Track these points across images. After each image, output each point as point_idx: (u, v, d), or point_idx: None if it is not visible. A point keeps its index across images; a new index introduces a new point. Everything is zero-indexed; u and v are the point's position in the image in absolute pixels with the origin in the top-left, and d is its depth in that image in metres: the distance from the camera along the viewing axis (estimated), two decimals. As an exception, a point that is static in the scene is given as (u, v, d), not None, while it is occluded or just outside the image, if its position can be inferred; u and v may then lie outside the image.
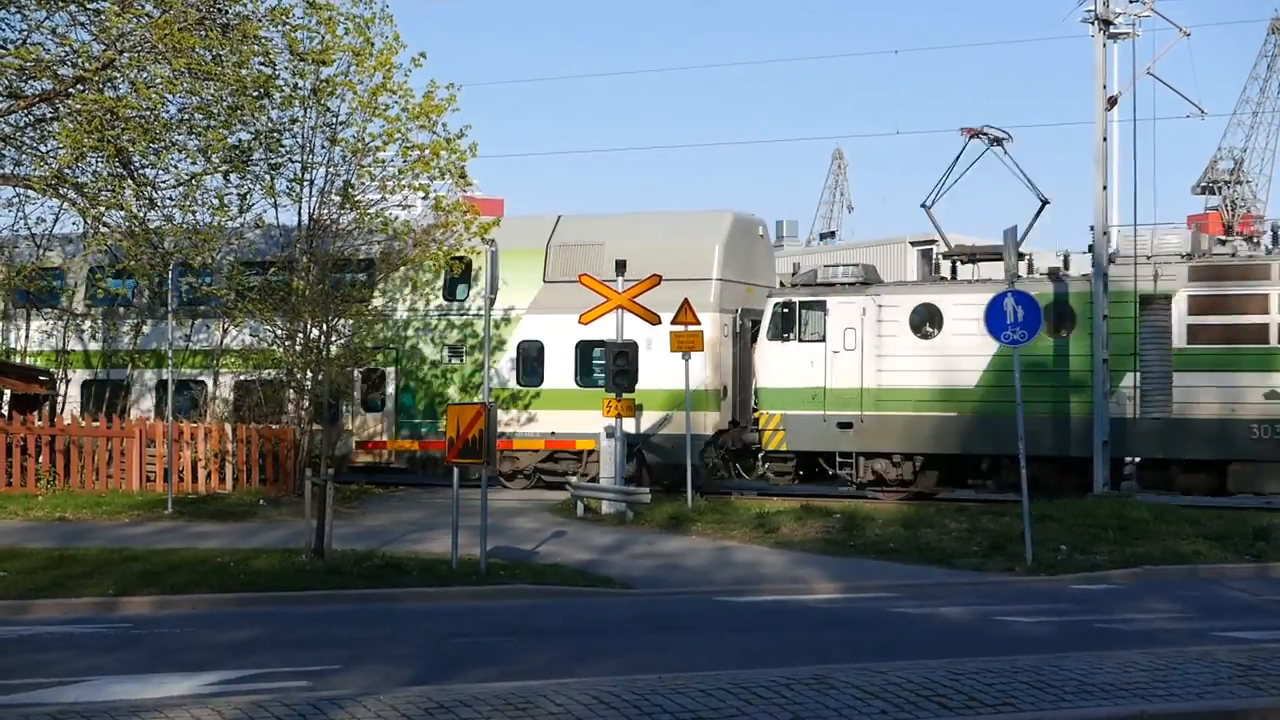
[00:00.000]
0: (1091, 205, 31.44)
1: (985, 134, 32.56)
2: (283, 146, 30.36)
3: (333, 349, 29.80)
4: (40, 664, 13.08)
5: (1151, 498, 29.29)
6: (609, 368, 29.07)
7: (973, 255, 33.20)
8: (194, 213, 29.97)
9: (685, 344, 29.52)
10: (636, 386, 28.99)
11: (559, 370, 33.76)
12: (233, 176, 30.02)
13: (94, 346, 35.93)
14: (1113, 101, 31.84)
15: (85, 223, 30.42)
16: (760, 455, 33.08)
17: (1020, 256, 29.02)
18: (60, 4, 27.79)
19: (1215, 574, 22.42)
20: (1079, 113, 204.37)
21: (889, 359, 31.61)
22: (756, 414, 32.73)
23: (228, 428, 30.50)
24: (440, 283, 33.77)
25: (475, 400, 30.02)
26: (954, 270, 33.38)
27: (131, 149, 28.66)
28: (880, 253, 42.79)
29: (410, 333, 34.39)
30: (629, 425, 30.25)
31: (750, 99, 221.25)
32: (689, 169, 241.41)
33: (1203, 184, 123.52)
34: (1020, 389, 23.26)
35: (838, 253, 49.79)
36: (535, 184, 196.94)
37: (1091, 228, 31.52)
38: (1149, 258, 30.40)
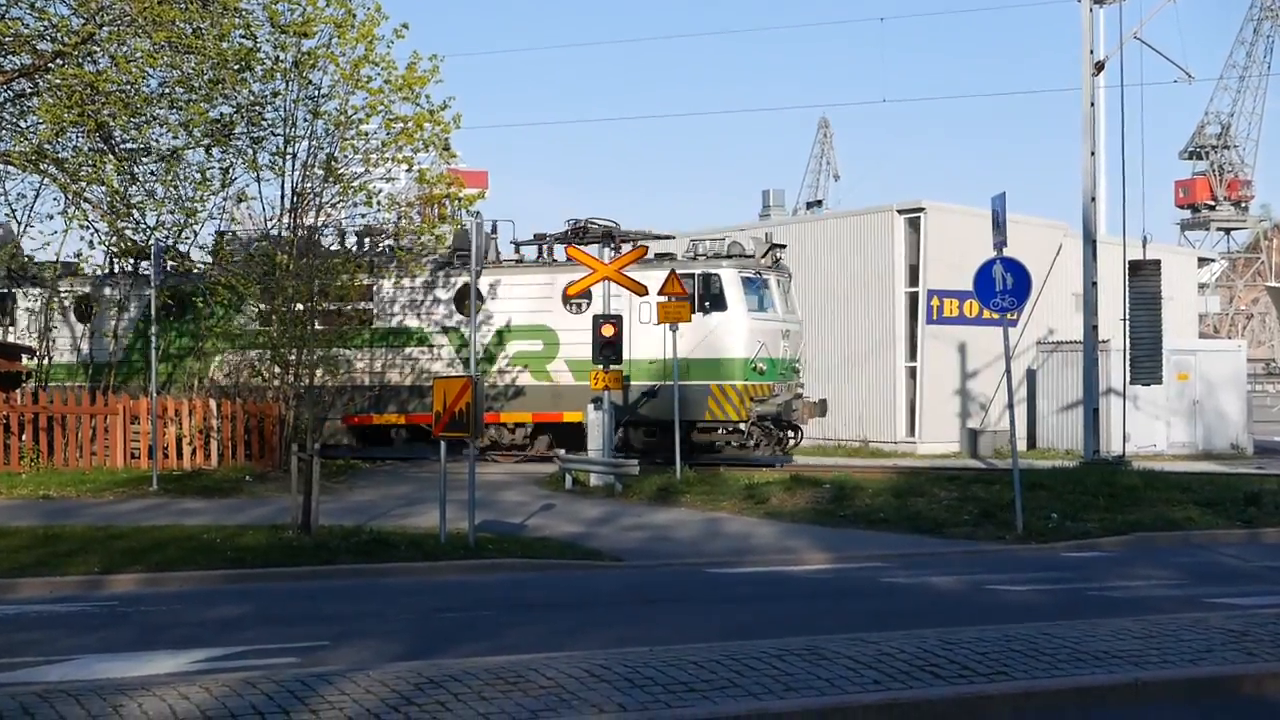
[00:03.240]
0: (1079, 171, 31.43)
1: None
2: (265, 120, 30.27)
3: (317, 324, 29.72)
4: (26, 643, 13.02)
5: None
6: (595, 339, 29.03)
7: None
8: (176, 187, 29.85)
9: (672, 315, 29.54)
10: None
11: None
12: (214, 150, 29.95)
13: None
14: (1100, 67, 31.80)
15: (66, 198, 30.27)
16: None
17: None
18: (38, -23, 27.64)
19: (1207, 540, 22.46)
20: (1066, 79, 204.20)
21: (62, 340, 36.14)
22: None
23: (212, 403, 30.40)
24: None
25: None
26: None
27: (112, 123, 28.54)
28: (867, 221, 42.60)
29: None
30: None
31: (736, 67, 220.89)
32: (675, 137, 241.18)
33: (1190, 149, 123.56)
34: (1009, 361, 23.32)
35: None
36: (520, 156, 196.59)
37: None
38: None
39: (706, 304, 32.95)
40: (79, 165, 29.10)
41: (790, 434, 34.94)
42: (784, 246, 35.73)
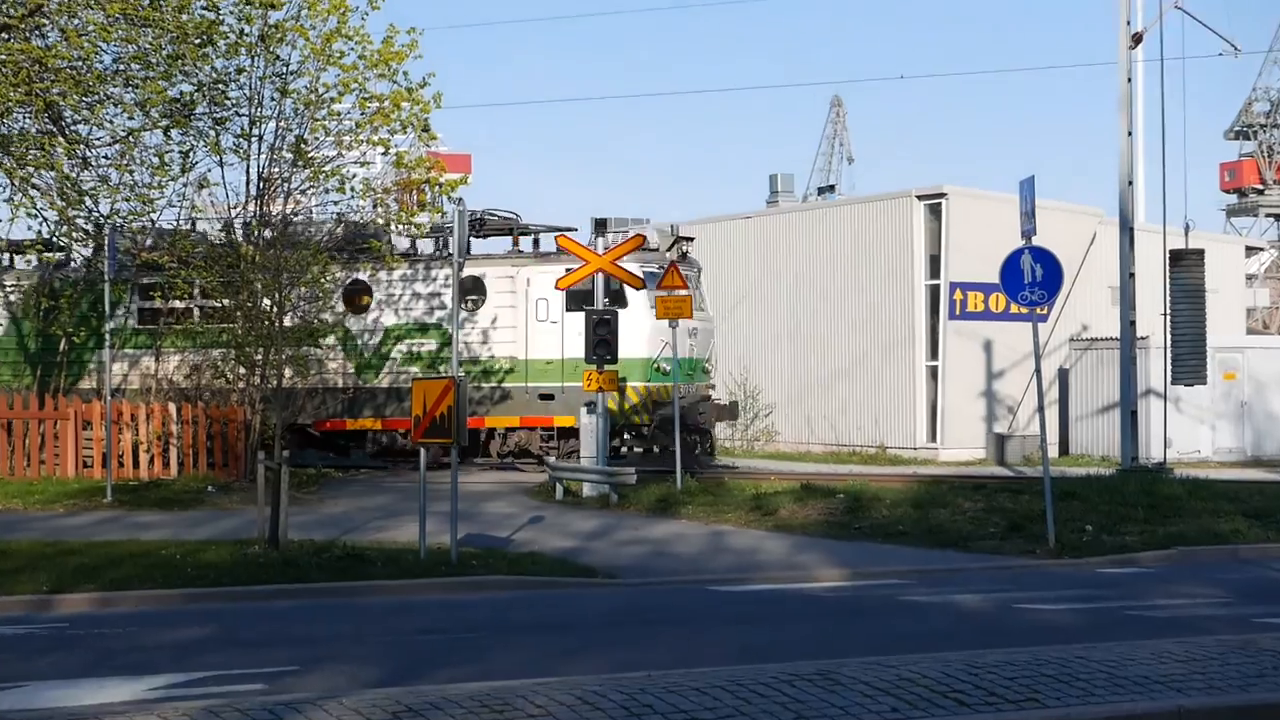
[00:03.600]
0: (1115, 153, 31.39)
1: None
2: (228, 99, 30.14)
3: (286, 320, 29.70)
4: (-32, 669, 12.98)
5: None
6: (588, 337, 29.03)
7: None
8: (131, 172, 29.76)
9: (673, 310, 29.50)
10: None
11: None
12: (174, 132, 29.79)
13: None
14: (1137, 39, 31.78)
15: (12, 184, 30.20)
16: None
17: None
18: (-19, -56, 27.57)
19: (1257, 555, 22.43)
20: (1100, 52, 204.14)
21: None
22: None
23: (172, 408, 30.35)
24: None
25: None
26: None
27: (62, 103, 28.46)
28: (884, 208, 42.60)
29: None
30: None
31: (741, 40, 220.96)
32: (677, 117, 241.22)
33: (1236, 128, 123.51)
34: (1038, 359, 23.31)
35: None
36: (506, 138, 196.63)
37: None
38: None
39: (605, 300, 33.34)
40: (26, 148, 29.01)
41: (698, 439, 35.25)
42: (691, 239, 36.16)
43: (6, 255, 35.42)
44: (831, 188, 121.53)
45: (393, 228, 32.87)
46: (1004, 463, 38.71)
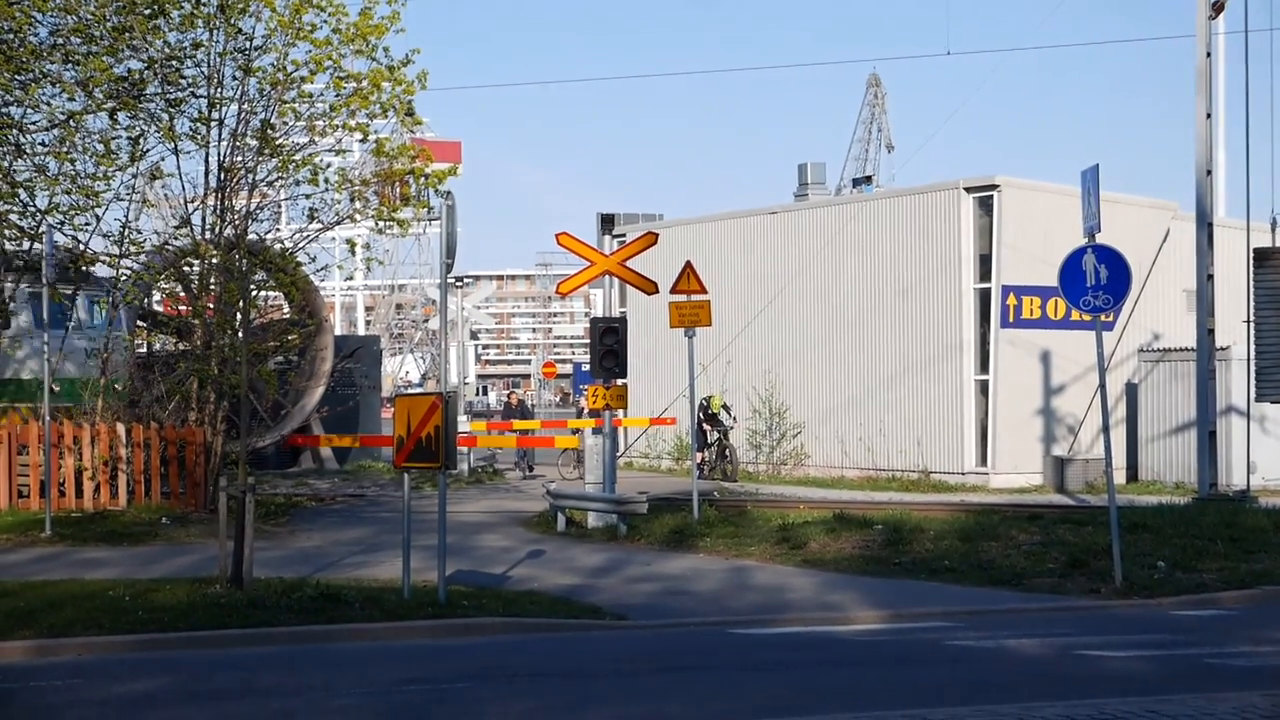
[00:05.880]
0: (1192, 138, 31.36)
1: None
2: (183, 78, 30.18)
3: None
4: (-110, 725, 13.01)
5: None
6: (594, 347, 29.05)
7: None
8: (72, 161, 29.80)
9: (689, 318, 29.50)
10: None
11: None
12: (121, 115, 29.85)
13: None
14: (1218, 8, 31.73)
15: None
16: None
17: None
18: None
19: (1355, 595, 22.41)
20: (1176, 23, 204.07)
21: None
22: None
23: (121, 429, 30.31)
24: None
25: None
26: None
27: (-9, 82, 28.54)
28: (928, 202, 42.54)
29: None
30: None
31: (768, 12, 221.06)
32: (697, 101, 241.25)
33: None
34: (1103, 373, 23.29)
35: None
36: (502, 124, 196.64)
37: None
38: None
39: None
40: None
41: None
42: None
43: None
44: (868, 179, 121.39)
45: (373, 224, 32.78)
46: (1064, 490, 38.69)
